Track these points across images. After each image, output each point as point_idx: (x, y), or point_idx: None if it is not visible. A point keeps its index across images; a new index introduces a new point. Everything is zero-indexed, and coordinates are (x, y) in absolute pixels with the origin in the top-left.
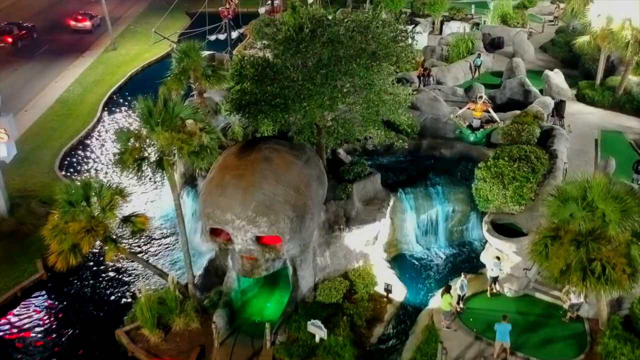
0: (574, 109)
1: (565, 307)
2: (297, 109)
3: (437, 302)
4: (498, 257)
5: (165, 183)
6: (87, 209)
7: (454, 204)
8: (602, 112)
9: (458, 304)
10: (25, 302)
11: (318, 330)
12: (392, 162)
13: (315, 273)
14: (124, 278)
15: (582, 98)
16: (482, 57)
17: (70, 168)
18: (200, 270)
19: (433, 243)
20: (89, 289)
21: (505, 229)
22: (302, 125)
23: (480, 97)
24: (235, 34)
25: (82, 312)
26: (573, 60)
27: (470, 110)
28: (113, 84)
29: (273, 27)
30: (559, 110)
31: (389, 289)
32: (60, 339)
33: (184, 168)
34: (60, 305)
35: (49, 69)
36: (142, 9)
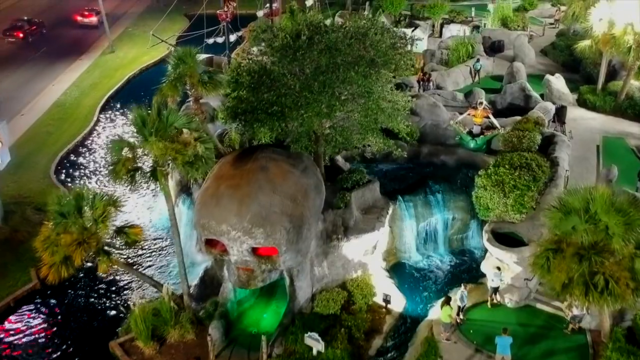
0: (575, 114)
1: (567, 318)
2: (294, 117)
3: (436, 312)
4: (499, 267)
5: None
6: (79, 220)
7: (454, 212)
8: (603, 117)
9: (458, 315)
10: (19, 312)
11: (315, 343)
12: (391, 169)
13: (313, 283)
14: (119, 288)
15: (583, 103)
16: (482, 61)
17: (66, 173)
18: (196, 280)
19: (433, 251)
20: (83, 299)
21: (506, 238)
22: (299, 134)
23: (481, 103)
24: (234, 37)
25: (76, 322)
26: (574, 64)
27: (471, 117)
28: (110, 88)
29: (270, 33)
30: (560, 116)
31: (388, 300)
32: (54, 351)
33: (180, 176)
34: (54, 316)
35: (47, 72)
36: (140, 11)
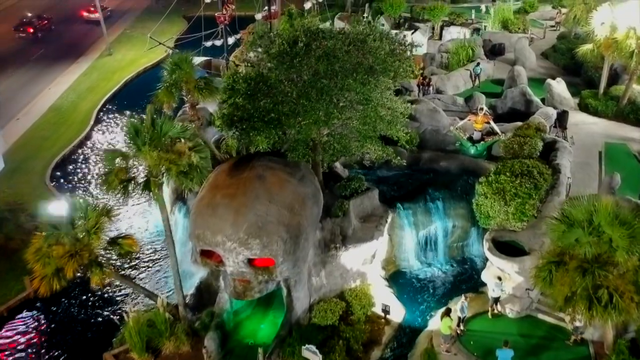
0: (577, 119)
1: (570, 329)
2: (291, 125)
3: (436, 323)
4: (499, 277)
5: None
6: (71, 232)
7: (454, 220)
8: (605, 122)
9: (458, 326)
10: (11, 322)
11: (313, 356)
12: (390, 175)
13: (311, 294)
14: (114, 297)
15: (585, 108)
16: (482, 64)
17: (62, 179)
18: (192, 290)
19: (432, 259)
20: (77, 308)
21: (507, 247)
22: (296, 142)
23: (481, 108)
24: (232, 40)
25: (69, 333)
26: (575, 68)
27: (471, 122)
28: (107, 91)
29: (267, 39)
30: (562, 121)
31: (387, 310)
32: None
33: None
34: (48, 326)
35: (44, 75)
36: (139, 12)
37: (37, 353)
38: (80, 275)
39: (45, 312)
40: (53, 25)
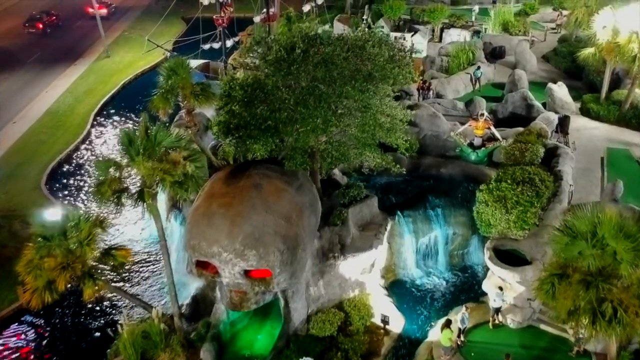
0: (579, 124)
1: (572, 339)
2: (288, 133)
3: (436, 334)
4: (501, 287)
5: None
6: (64, 243)
7: (455, 227)
8: (607, 127)
9: (459, 337)
10: (4, 332)
11: None
12: (389, 182)
13: (309, 304)
14: (109, 306)
15: (586, 112)
16: (482, 68)
17: (58, 185)
18: (188, 299)
19: (433, 268)
20: (72, 318)
21: (509, 255)
22: (293, 150)
23: (482, 114)
24: (230, 43)
25: (63, 343)
26: (576, 71)
27: (472, 128)
28: (105, 94)
29: (264, 45)
30: (563, 126)
31: (386, 320)
32: None
33: None
34: (41, 336)
35: (41, 78)
36: (138, 13)
37: None
38: (74, 285)
39: (39, 322)
40: (60, 22)
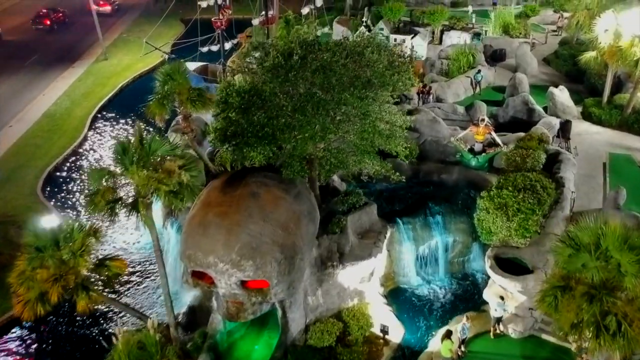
0: (580, 129)
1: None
2: (286, 140)
3: (436, 343)
4: (502, 297)
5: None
6: (57, 253)
7: (455, 235)
8: (609, 132)
9: (459, 348)
10: None
11: None
12: (388, 189)
13: (307, 314)
14: (104, 315)
15: (588, 116)
16: (483, 71)
17: (54, 189)
18: (184, 308)
19: (432, 275)
20: (66, 327)
21: (510, 263)
22: (291, 158)
23: (483, 119)
24: (229, 45)
25: (58, 353)
26: (578, 75)
27: (472, 133)
28: (102, 97)
29: (262, 50)
30: (565, 131)
31: (386, 330)
32: None
33: None
34: (36, 347)
35: (38, 80)
36: (134, 17)
37: None
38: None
39: (33, 332)
40: (67, 18)
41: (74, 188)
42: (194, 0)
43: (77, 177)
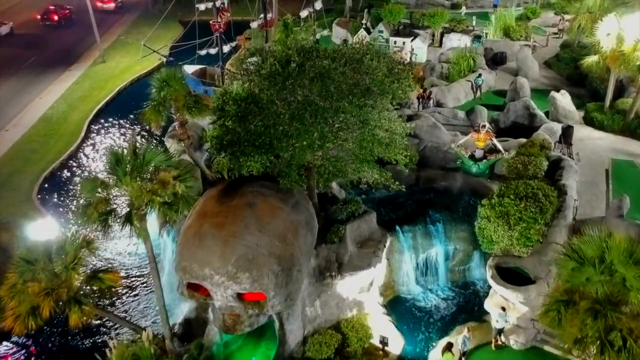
0: (582, 134)
1: None
2: (284, 149)
3: (437, 355)
4: (504, 307)
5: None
6: (49, 266)
7: (456, 243)
8: (611, 137)
9: None
10: None
11: None
12: (388, 196)
13: (305, 325)
14: (99, 326)
15: (590, 122)
16: (483, 75)
17: (50, 195)
18: (180, 319)
19: (433, 284)
20: (60, 339)
21: (511, 273)
22: (288, 167)
23: (484, 126)
24: (227, 48)
25: None
26: (579, 78)
27: (473, 139)
28: (100, 100)
29: (259, 57)
30: (567, 137)
31: (385, 342)
32: None
33: None
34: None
35: (35, 83)
36: (134, 18)
37: None
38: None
39: (26, 343)
40: (73, 15)
41: (70, 194)
42: (193, 2)
43: (73, 182)
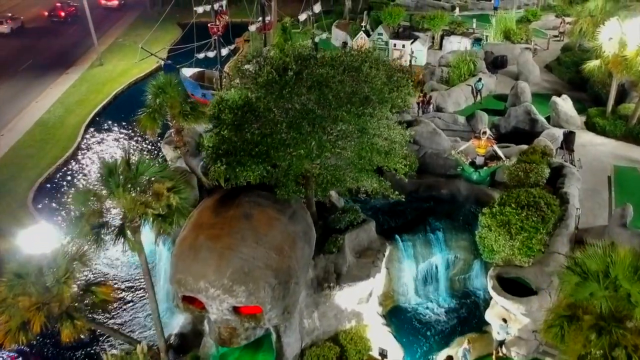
0: (584, 139)
1: None
2: (281, 158)
3: None
4: (505, 319)
5: None
6: (40, 280)
7: (456, 252)
8: (614, 143)
9: None
10: None
11: None
12: (387, 204)
13: (302, 337)
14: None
15: (592, 127)
16: (483, 79)
17: (46, 201)
18: (176, 329)
19: (433, 294)
20: (52, 350)
21: (513, 283)
22: (285, 177)
23: (484, 132)
24: (225, 51)
25: None
26: (581, 82)
27: (474, 146)
28: (97, 104)
29: (255, 64)
30: (569, 143)
31: (384, 354)
32: None
33: None
34: None
35: (32, 87)
36: (132, 20)
37: None
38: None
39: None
40: (78, 12)
41: (66, 201)
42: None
43: (69, 188)
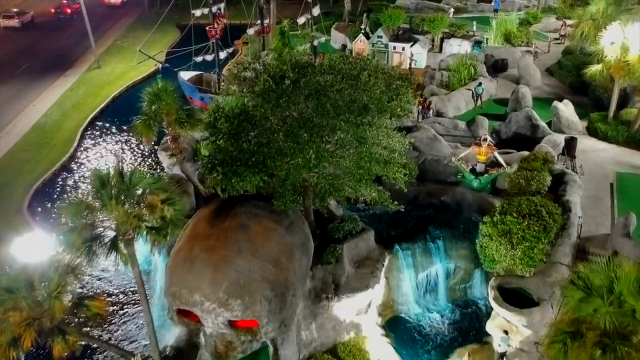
0: (586, 145)
1: None
2: (278, 168)
3: None
4: (506, 331)
5: None
6: (31, 294)
7: (456, 261)
8: (616, 148)
9: None
10: None
11: None
12: (386, 212)
13: (300, 350)
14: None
15: (594, 132)
16: (484, 83)
17: (41, 207)
18: (172, 341)
19: (433, 304)
20: None
21: (514, 293)
22: (282, 187)
23: (485, 139)
24: (224, 54)
25: None
26: (582, 87)
27: (474, 153)
28: (94, 108)
29: (252, 71)
30: (570, 149)
31: None
32: None
33: None
34: None
35: (29, 90)
36: (131, 21)
37: None
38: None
39: None
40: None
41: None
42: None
43: (65, 193)
